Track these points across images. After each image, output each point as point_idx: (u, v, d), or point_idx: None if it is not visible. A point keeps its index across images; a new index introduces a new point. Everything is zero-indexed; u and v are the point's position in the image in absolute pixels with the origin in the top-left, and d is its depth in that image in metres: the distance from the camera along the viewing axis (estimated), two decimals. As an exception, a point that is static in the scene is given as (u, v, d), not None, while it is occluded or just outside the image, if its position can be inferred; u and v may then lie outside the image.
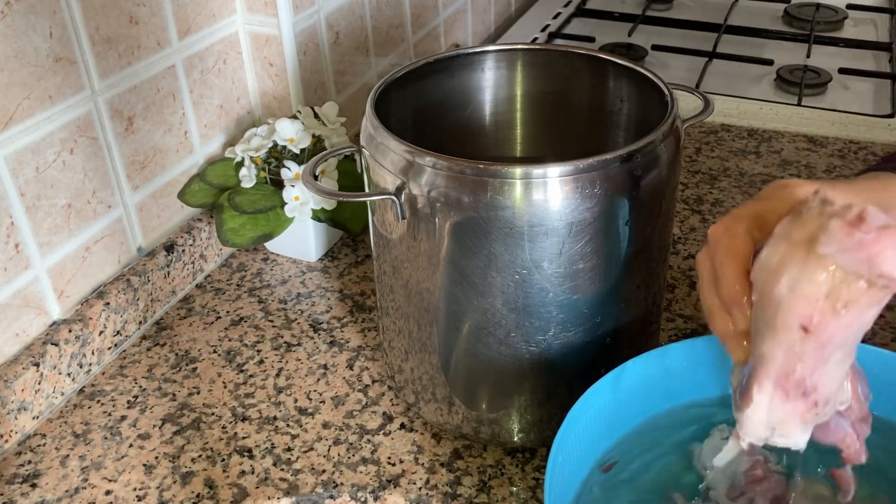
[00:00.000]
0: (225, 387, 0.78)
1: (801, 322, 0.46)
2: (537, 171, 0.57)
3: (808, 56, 1.33)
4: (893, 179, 0.54)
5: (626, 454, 0.61)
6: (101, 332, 0.79)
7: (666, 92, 0.65)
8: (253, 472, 0.70)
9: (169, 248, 0.87)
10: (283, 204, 0.86)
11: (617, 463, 0.60)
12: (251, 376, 0.79)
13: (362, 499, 0.68)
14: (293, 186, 0.86)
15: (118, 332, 0.82)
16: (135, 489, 0.69)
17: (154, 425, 0.74)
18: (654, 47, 1.36)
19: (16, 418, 0.72)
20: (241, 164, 0.90)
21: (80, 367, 0.78)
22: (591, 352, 0.65)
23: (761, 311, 0.49)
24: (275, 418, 0.75)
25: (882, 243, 0.45)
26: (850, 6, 1.50)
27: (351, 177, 0.90)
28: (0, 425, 0.71)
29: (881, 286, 0.45)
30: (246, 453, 0.72)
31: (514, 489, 0.68)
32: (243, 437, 0.73)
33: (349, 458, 0.71)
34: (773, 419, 0.50)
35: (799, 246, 0.46)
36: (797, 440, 0.51)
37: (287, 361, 0.81)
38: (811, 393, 0.49)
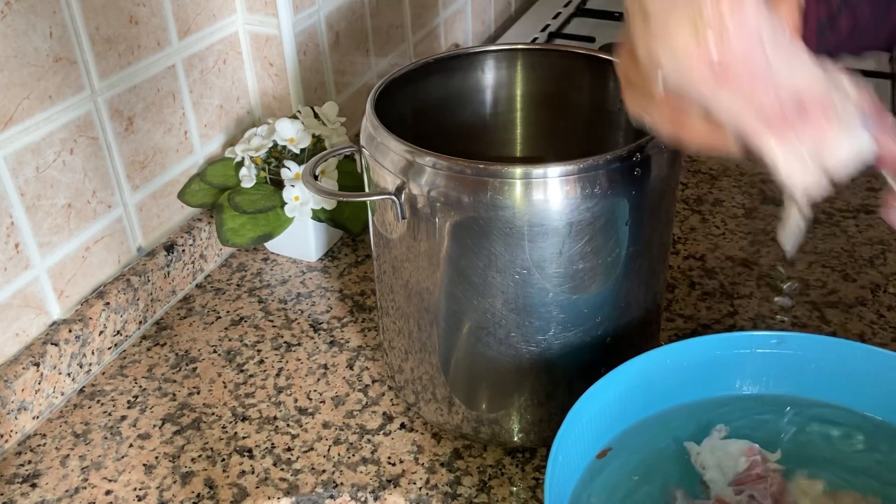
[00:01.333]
0: (225, 387, 0.78)
1: (704, 68, 0.42)
2: (537, 171, 0.57)
3: (807, 56, 1.32)
4: None
5: (623, 445, 0.61)
6: (101, 332, 0.79)
7: (666, 92, 0.65)
8: (253, 472, 0.70)
9: (169, 248, 0.87)
10: (283, 204, 0.86)
11: (611, 450, 0.60)
12: (251, 376, 0.79)
13: (362, 499, 0.68)
14: (293, 186, 0.86)
15: (118, 332, 0.82)
16: (135, 489, 0.69)
17: (154, 425, 0.74)
18: (654, 47, 1.35)
19: (16, 418, 0.72)
20: (241, 164, 0.90)
21: (80, 367, 0.78)
22: (591, 352, 0.65)
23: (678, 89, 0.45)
24: (275, 418, 0.75)
25: None
26: (849, 6, 1.49)
27: (351, 177, 0.89)
28: (0, 425, 0.71)
29: None
30: (246, 453, 0.72)
31: (514, 489, 0.68)
32: (243, 437, 0.73)
33: (349, 458, 0.71)
34: (803, 153, 0.44)
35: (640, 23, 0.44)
36: (847, 150, 0.44)
37: (287, 361, 0.81)
38: (803, 105, 0.43)
